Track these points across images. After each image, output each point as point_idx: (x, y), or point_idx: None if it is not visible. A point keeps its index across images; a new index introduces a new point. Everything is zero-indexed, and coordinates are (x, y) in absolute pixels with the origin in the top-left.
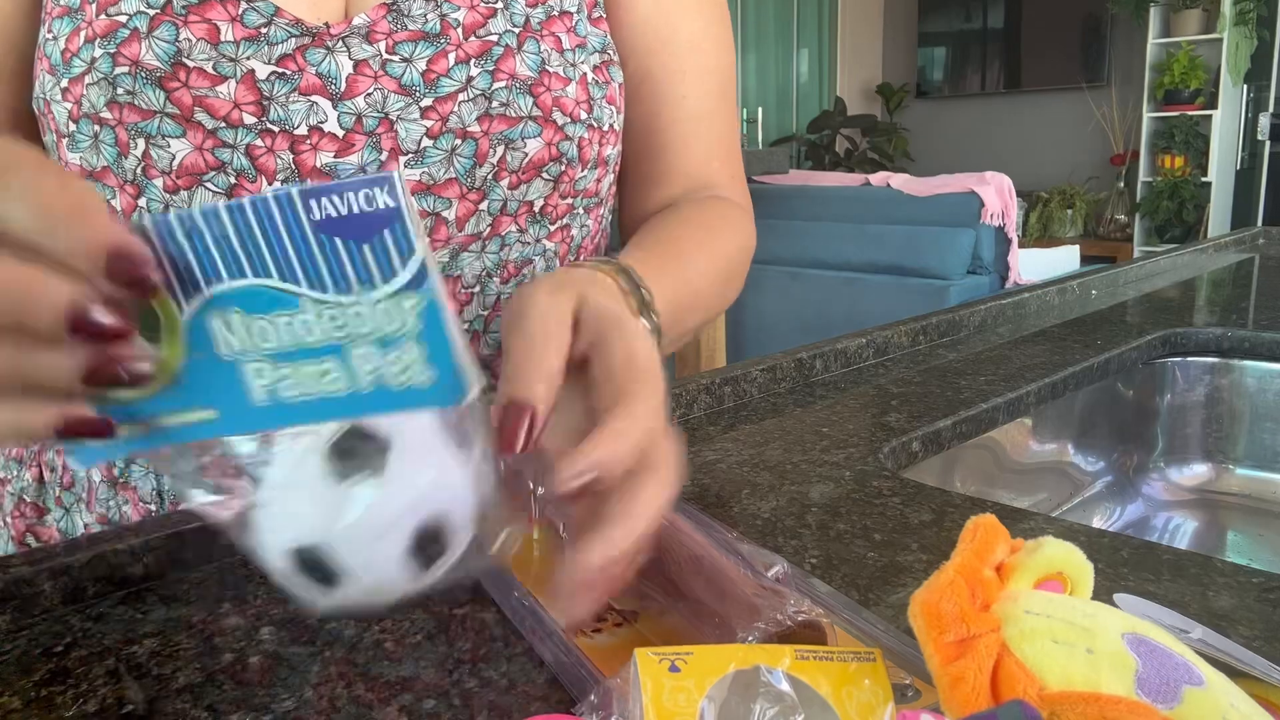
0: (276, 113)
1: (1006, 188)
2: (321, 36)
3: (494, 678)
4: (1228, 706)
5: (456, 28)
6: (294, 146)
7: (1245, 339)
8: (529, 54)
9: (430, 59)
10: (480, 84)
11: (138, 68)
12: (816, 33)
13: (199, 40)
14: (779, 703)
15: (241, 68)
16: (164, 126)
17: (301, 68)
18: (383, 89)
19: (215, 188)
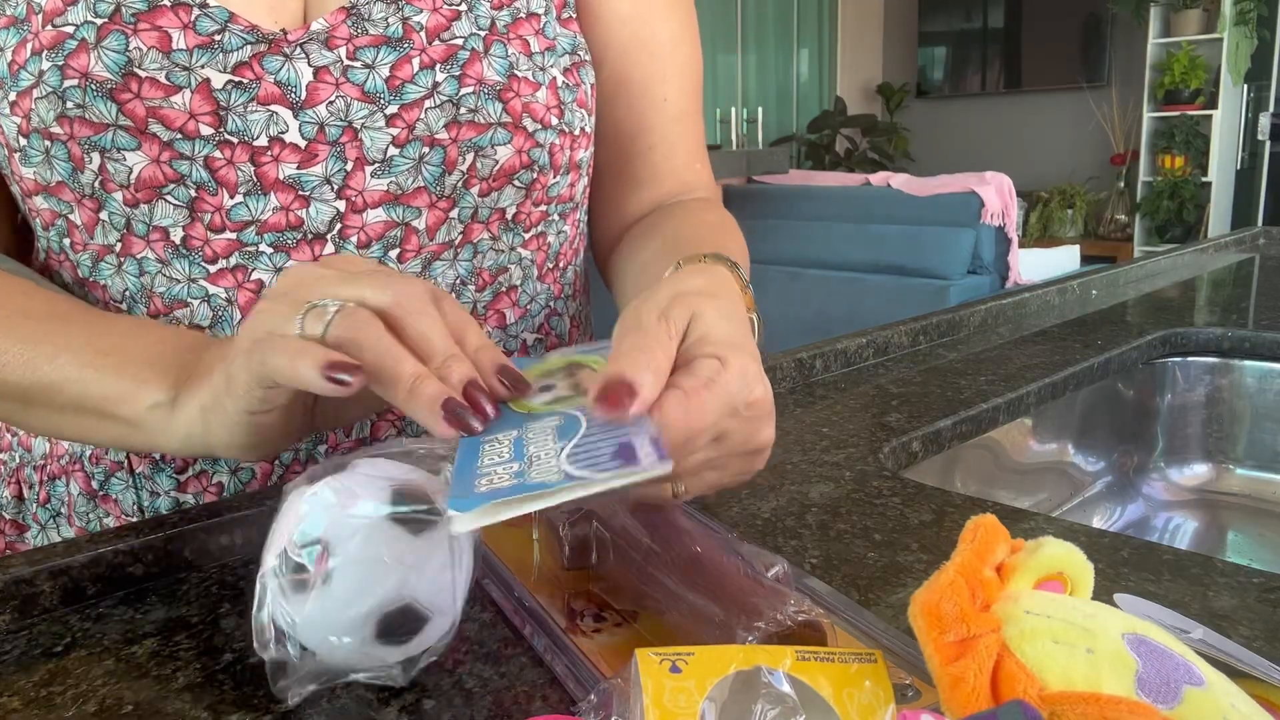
0: (234, 123)
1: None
2: (278, 43)
3: (494, 678)
4: (1228, 707)
5: (419, 31)
6: (254, 158)
7: (1245, 339)
8: (496, 58)
9: (394, 65)
10: (447, 89)
11: (87, 80)
12: (816, 33)
13: (150, 49)
14: (780, 704)
15: (196, 77)
16: (118, 139)
17: (259, 76)
18: (345, 96)
19: (175, 200)
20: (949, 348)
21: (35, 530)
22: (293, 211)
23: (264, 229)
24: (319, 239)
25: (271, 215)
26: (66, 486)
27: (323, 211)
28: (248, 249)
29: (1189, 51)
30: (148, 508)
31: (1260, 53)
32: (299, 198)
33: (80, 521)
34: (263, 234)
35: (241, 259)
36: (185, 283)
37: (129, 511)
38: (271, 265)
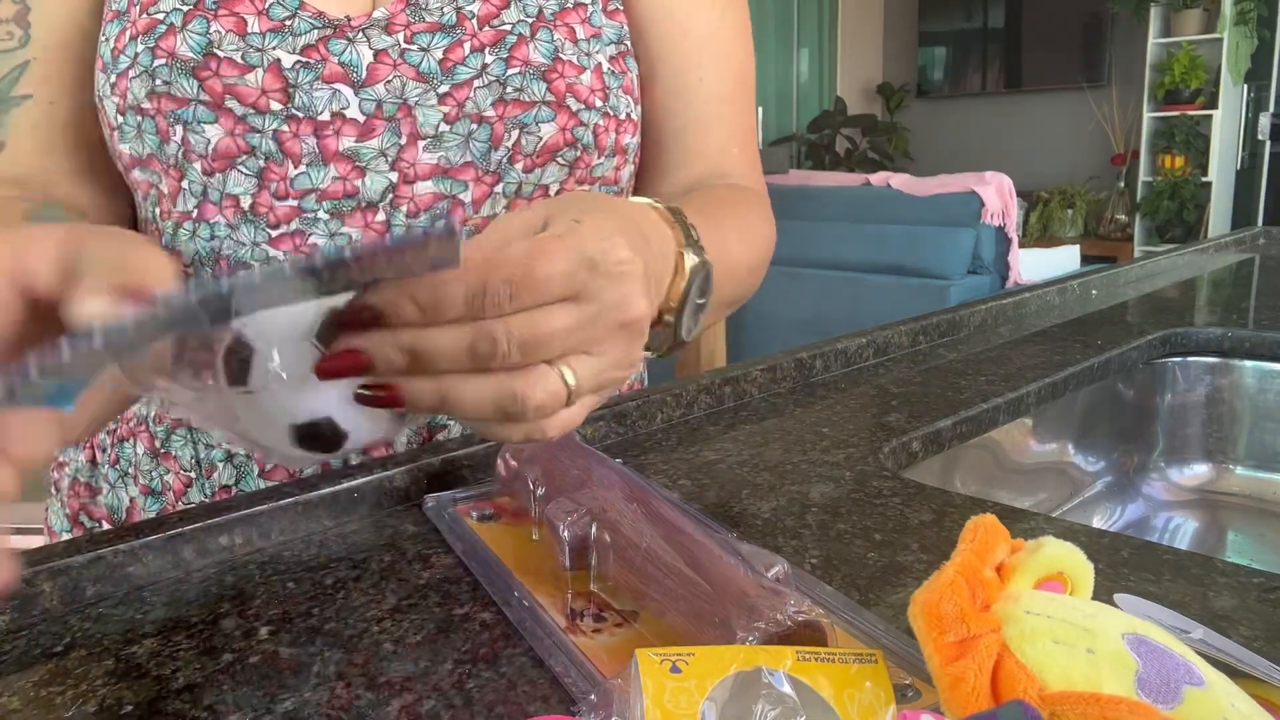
0: (301, 99)
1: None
2: (343, 28)
3: (494, 678)
4: (1228, 707)
5: (471, 19)
6: (318, 131)
7: (1245, 339)
8: (542, 42)
9: (447, 48)
10: (495, 70)
11: (173, 59)
12: (816, 33)
13: (228, 32)
14: (780, 704)
15: (268, 57)
16: (199, 113)
17: (324, 57)
18: (402, 76)
19: (246, 170)
20: (949, 348)
21: (106, 490)
22: (349, 181)
23: (323, 197)
24: (372, 207)
25: (330, 184)
26: (133, 447)
27: (377, 182)
28: (307, 215)
29: (1189, 51)
30: (204, 460)
31: (1260, 53)
32: (355, 168)
33: (144, 480)
34: (321, 201)
35: (301, 224)
36: (250, 246)
37: (187, 466)
38: (327, 231)
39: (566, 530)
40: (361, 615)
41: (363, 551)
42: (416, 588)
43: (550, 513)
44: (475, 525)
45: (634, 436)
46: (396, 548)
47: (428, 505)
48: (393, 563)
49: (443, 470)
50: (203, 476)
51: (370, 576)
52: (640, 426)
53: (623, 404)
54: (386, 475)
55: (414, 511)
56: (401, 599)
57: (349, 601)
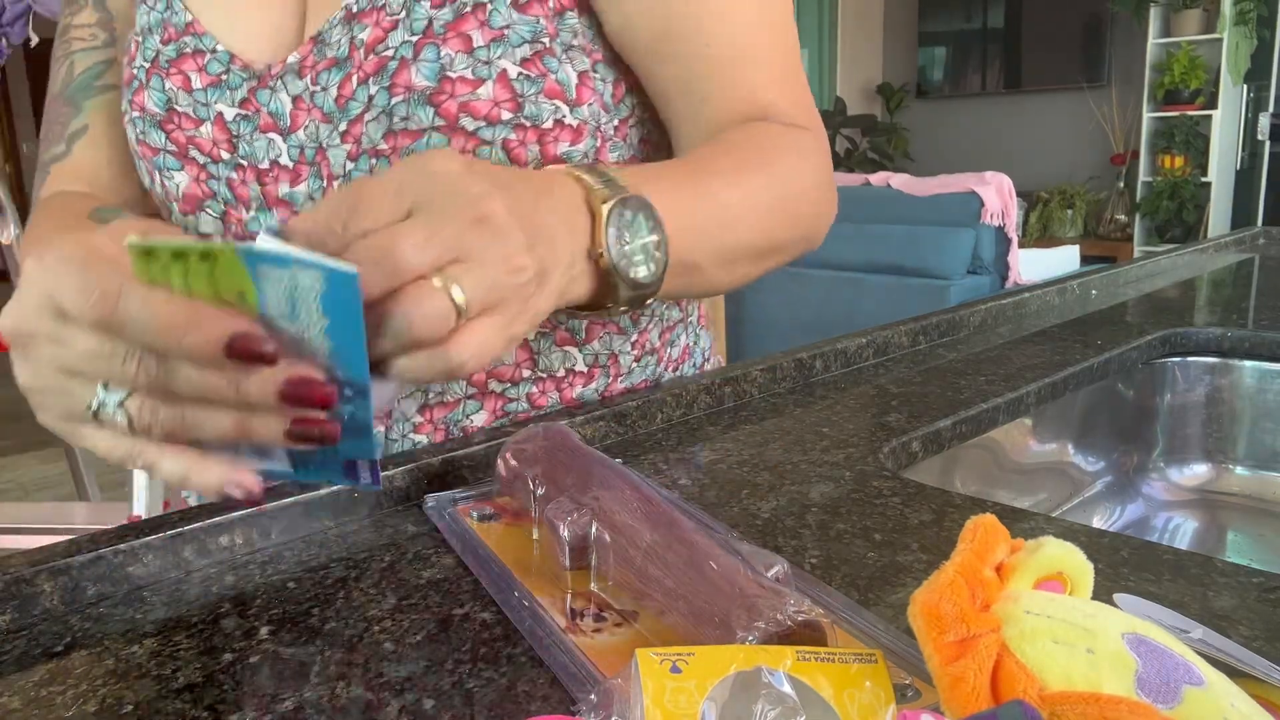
0: (244, 149)
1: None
2: (265, 78)
3: (494, 678)
4: (1228, 707)
5: (360, 48)
6: (260, 179)
7: (1245, 339)
8: (425, 63)
9: (340, 84)
10: (380, 101)
11: (144, 113)
12: (816, 33)
13: (179, 90)
14: (780, 704)
15: (212, 110)
16: (167, 161)
17: (258, 108)
18: (314, 120)
19: (211, 213)
20: (949, 348)
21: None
22: None
23: None
24: None
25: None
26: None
27: None
28: None
29: (1189, 51)
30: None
31: (1260, 53)
32: (293, 213)
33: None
34: None
35: None
36: None
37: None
38: None
39: (566, 530)
40: (361, 615)
41: (363, 551)
42: (416, 588)
43: (550, 513)
44: (475, 525)
45: (634, 436)
46: (396, 548)
47: (428, 505)
48: (393, 563)
49: (443, 470)
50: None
51: (370, 576)
52: (640, 426)
53: (623, 404)
54: (386, 475)
55: (414, 511)
56: (401, 599)
57: (349, 601)
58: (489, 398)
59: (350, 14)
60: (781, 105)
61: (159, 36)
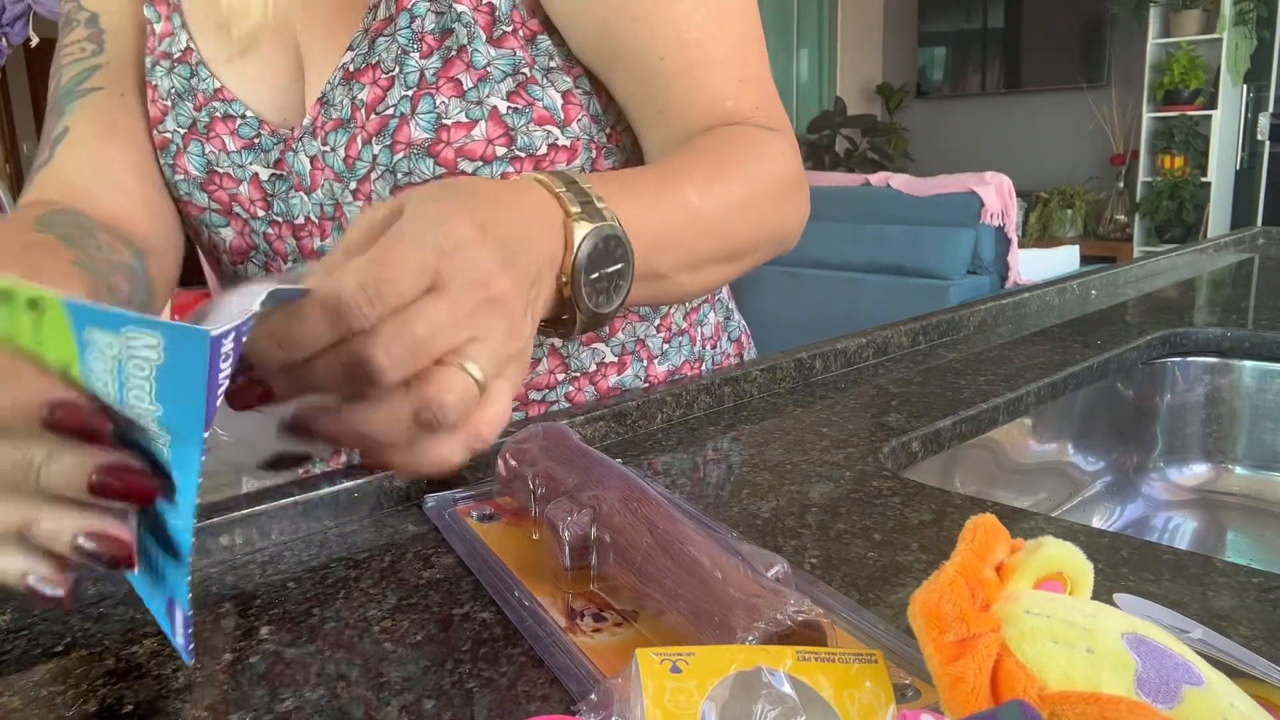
0: (279, 206)
1: (1006, 188)
2: (289, 141)
3: (494, 678)
4: (1228, 706)
5: (361, 108)
6: (295, 234)
7: (1245, 339)
8: (423, 115)
9: (345, 145)
10: (383, 160)
11: (186, 175)
12: (816, 33)
13: (219, 152)
14: (780, 704)
15: (248, 171)
16: (213, 219)
17: (288, 169)
18: (329, 179)
19: (256, 264)
20: (949, 348)
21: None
22: None
23: None
24: None
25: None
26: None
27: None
28: None
29: (1189, 52)
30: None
31: (1260, 53)
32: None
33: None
34: None
35: None
36: None
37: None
38: None
39: (566, 530)
40: (361, 615)
41: (363, 551)
42: (416, 588)
43: (550, 513)
44: (475, 525)
45: (634, 436)
46: (396, 548)
47: (428, 505)
48: (393, 563)
49: None
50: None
51: (370, 576)
52: (640, 426)
53: (623, 404)
54: (386, 475)
55: (414, 511)
56: (401, 599)
57: (349, 601)
58: (531, 405)
59: (348, 73)
60: (744, 109)
61: (190, 103)
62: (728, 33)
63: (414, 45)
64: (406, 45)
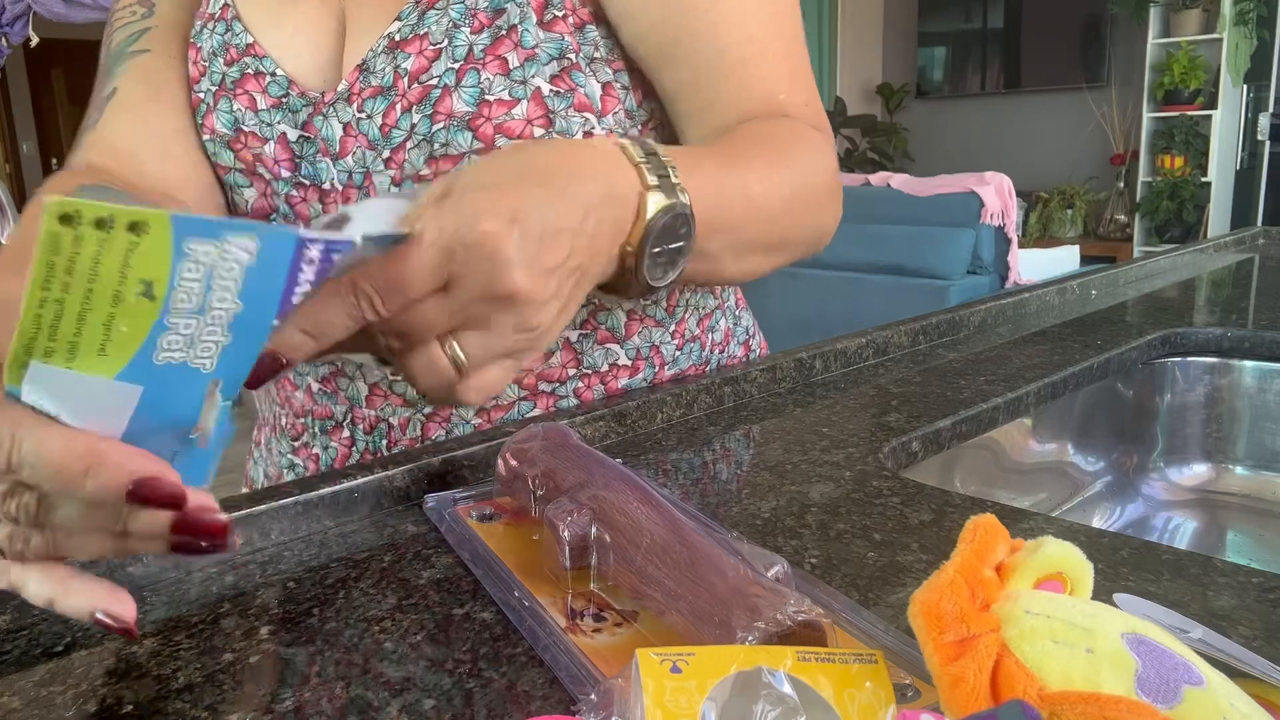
0: (306, 169)
1: (1006, 188)
2: (319, 105)
3: (494, 678)
4: (1227, 706)
5: (404, 77)
6: (321, 199)
7: (1245, 339)
8: (466, 89)
9: (384, 112)
10: (421, 129)
11: (214, 135)
12: (816, 33)
13: (246, 110)
14: (781, 704)
15: (276, 130)
16: (237, 179)
17: (316, 133)
18: (361, 146)
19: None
20: (949, 348)
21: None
22: None
23: None
24: None
25: None
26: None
27: None
28: None
29: (1189, 52)
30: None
31: (1260, 53)
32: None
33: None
34: None
35: None
36: None
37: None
38: None
39: (566, 530)
40: (361, 615)
41: (363, 551)
42: (416, 588)
43: (550, 513)
44: (475, 525)
45: (634, 436)
46: (396, 548)
47: (428, 505)
48: (393, 563)
49: (443, 470)
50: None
51: (370, 576)
52: (640, 426)
53: (623, 404)
54: (386, 475)
55: (414, 511)
56: (401, 599)
57: (349, 601)
58: (540, 397)
59: (393, 43)
60: (795, 104)
61: (222, 59)
62: (782, 30)
63: (466, 20)
64: (458, 20)
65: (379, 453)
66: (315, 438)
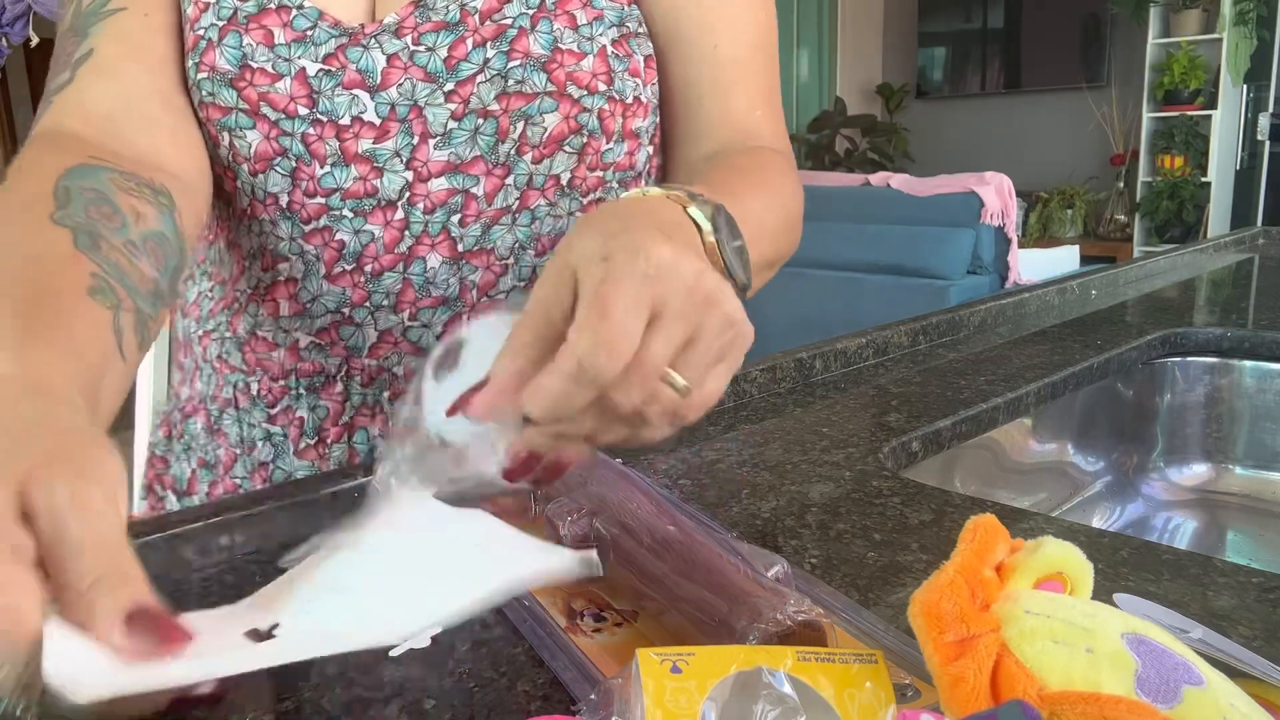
0: (325, 105)
1: (1006, 188)
2: (357, 36)
3: (494, 678)
4: (1227, 706)
5: (474, 15)
6: (339, 134)
7: (1245, 339)
8: (542, 33)
9: (450, 46)
10: (496, 64)
11: (214, 72)
12: (816, 33)
13: (259, 45)
14: (781, 705)
15: (294, 66)
16: (239, 120)
17: (344, 64)
18: (412, 79)
19: (281, 171)
20: (949, 348)
21: (173, 462)
22: (369, 181)
23: (346, 195)
24: (390, 205)
25: (352, 184)
26: (195, 424)
27: (394, 181)
28: (333, 212)
29: (1188, 52)
30: (246, 438)
31: (1260, 53)
32: (374, 169)
33: (201, 453)
34: (345, 200)
35: (329, 220)
36: (288, 240)
37: (234, 443)
38: (352, 228)
39: (566, 530)
40: None
41: None
42: None
43: (550, 513)
44: None
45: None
46: None
47: None
48: None
49: None
50: (244, 453)
51: None
52: None
53: None
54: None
55: None
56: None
57: None
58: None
59: None
60: (765, 127)
61: None
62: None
63: None
64: None
65: (378, 405)
66: (299, 399)
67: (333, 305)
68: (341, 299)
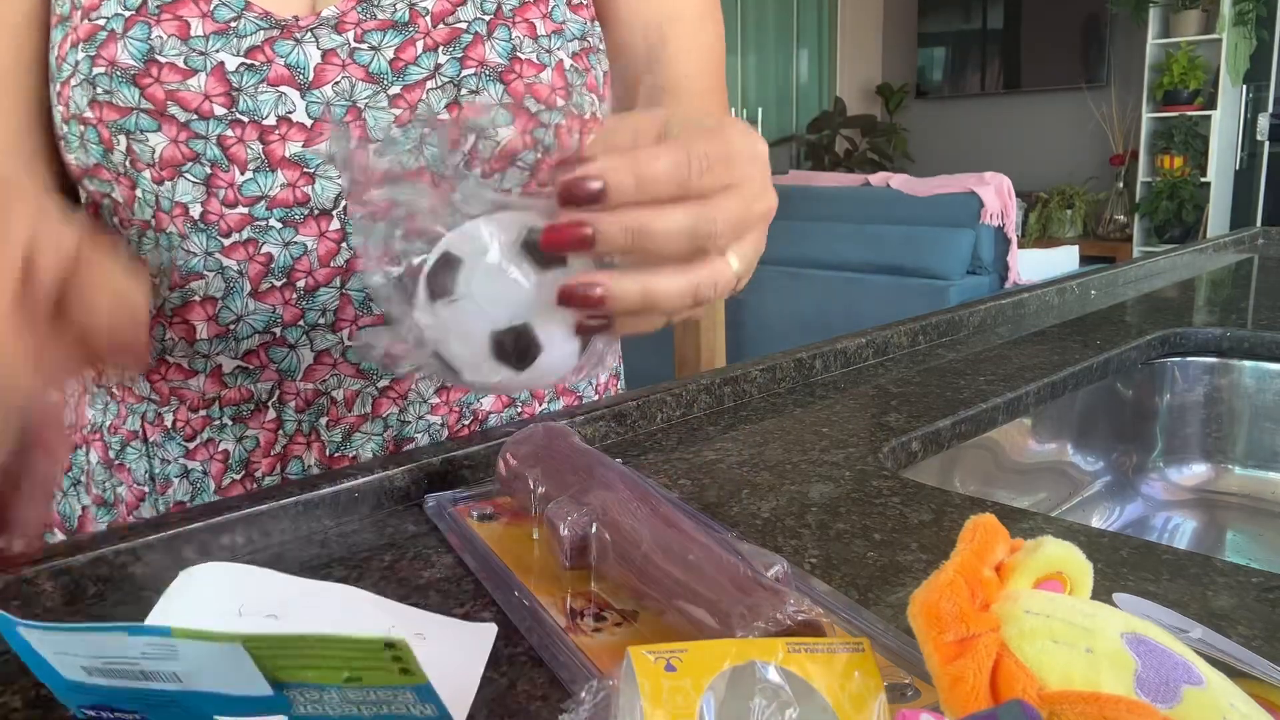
0: (245, 103)
1: (1006, 188)
2: (290, 29)
3: (494, 678)
4: (1227, 706)
5: (425, 16)
6: (263, 136)
7: (1245, 339)
8: (499, 41)
9: (398, 47)
10: (449, 71)
11: (114, 67)
12: (816, 33)
13: (170, 37)
14: (776, 698)
15: (211, 60)
16: (141, 122)
17: (270, 59)
18: (350, 77)
19: (193, 178)
20: (949, 348)
21: (59, 497)
22: (299, 188)
23: (273, 204)
24: (325, 214)
25: (279, 191)
26: (86, 456)
27: (328, 188)
28: (258, 223)
29: (1188, 52)
30: (158, 475)
31: (1259, 53)
32: (305, 174)
33: (97, 489)
34: (272, 209)
35: (253, 233)
36: (202, 256)
37: (140, 480)
38: (281, 239)
39: (566, 530)
40: None
41: (363, 551)
42: (416, 588)
43: (550, 513)
44: (475, 525)
45: (634, 436)
46: (397, 548)
47: (428, 505)
48: (393, 563)
49: (443, 470)
50: (156, 492)
51: (370, 576)
52: (640, 426)
53: (623, 404)
54: (387, 475)
55: (414, 511)
56: (401, 599)
57: None
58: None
59: None
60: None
61: None
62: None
63: None
64: None
65: (314, 432)
66: (224, 429)
67: (261, 325)
68: (271, 318)
